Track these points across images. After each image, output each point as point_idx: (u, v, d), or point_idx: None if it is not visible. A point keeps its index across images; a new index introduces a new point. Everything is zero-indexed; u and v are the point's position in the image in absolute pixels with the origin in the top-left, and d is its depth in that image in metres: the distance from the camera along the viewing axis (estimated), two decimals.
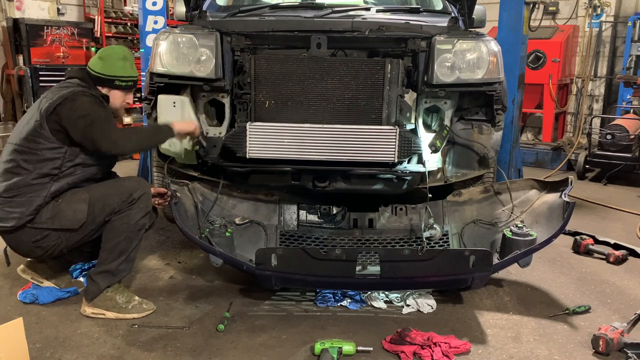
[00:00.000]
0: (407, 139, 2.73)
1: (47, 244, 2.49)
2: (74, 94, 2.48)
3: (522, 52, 4.40)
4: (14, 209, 2.43)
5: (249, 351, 2.30)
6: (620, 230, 4.11)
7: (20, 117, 6.50)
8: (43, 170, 2.44)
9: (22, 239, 2.48)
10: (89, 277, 2.55)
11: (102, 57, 2.64)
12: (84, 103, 2.47)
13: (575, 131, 7.17)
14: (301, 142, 2.73)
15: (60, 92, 2.49)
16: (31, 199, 2.43)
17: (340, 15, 2.90)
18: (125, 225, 2.51)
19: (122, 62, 2.64)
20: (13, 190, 2.44)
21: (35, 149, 2.44)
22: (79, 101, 2.47)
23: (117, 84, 2.64)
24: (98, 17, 7.23)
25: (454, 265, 2.49)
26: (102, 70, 2.61)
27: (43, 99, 2.53)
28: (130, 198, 2.51)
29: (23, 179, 2.43)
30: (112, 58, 2.63)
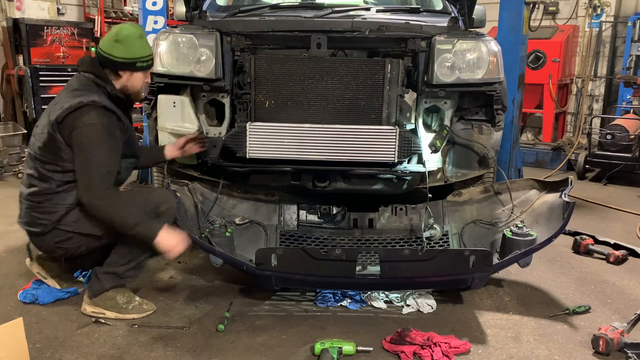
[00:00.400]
0: (407, 139, 2.73)
1: (68, 245, 2.48)
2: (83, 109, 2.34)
3: (522, 52, 4.40)
4: (40, 215, 2.44)
5: (249, 351, 2.30)
6: (620, 230, 4.11)
7: (20, 117, 6.50)
8: (65, 178, 2.41)
9: (46, 239, 2.49)
10: (95, 274, 2.55)
11: (119, 40, 2.45)
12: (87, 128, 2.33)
13: (575, 131, 7.17)
14: (301, 142, 2.73)
15: (70, 100, 2.37)
16: (57, 206, 2.42)
17: (340, 15, 2.90)
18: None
19: (140, 41, 2.50)
20: (39, 196, 2.43)
21: (54, 160, 2.40)
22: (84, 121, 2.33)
23: (138, 65, 2.51)
24: (98, 17, 7.23)
25: (454, 265, 2.50)
26: (123, 54, 2.46)
27: (53, 105, 2.45)
28: (155, 210, 2.50)
29: (48, 187, 2.42)
30: (130, 39, 2.46)
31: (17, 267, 3.13)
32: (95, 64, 2.53)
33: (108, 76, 2.51)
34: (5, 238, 3.64)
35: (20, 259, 3.26)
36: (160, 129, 3.03)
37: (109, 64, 2.49)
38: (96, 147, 2.36)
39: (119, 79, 2.53)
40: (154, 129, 3.06)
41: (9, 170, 5.53)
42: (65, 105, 2.37)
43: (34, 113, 6.09)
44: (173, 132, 2.99)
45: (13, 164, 5.61)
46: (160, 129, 3.03)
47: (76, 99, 2.37)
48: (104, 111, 2.40)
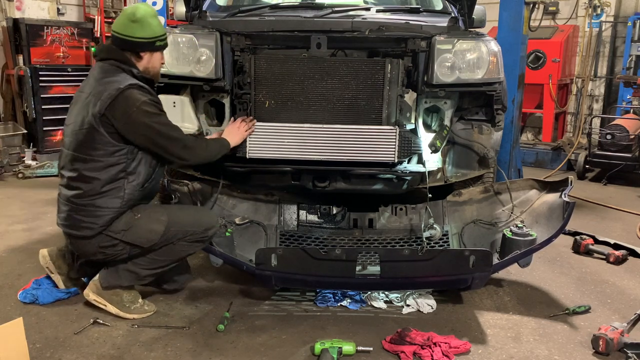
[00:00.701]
0: (407, 139, 2.73)
1: (112, 251, 2.46)
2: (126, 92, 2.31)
3: (522, 52, 4.40)
4: (85, 219, 2.37)
5: (249, 351, 2.30)
6: (620, 230, 4.11)
7: (20, 117, 6.50)
8: (110, 174, 2.36)
9: (89, 243, 2.43)
10: (116, 267, 2.53)
11: (136, 20, 2.39)
12: (142, 105, 2.32)
13: (575, 131, 7.17)
14: (301, 142, 2.73)
15: (107, 88, 2.32)
16: (102, 210, 2.36)
17: (340, 15, 2.90)
18: (182, 252, 2.54)
19: (155, 19, 2.46)
20: (83, 198, 2.37)
21: (97, 156, 2.34)
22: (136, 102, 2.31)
23: (157, 44, 2.47)
24: (98, 17, 7.22)
25: (454, 265, 2.50)
26: (142, 34, 2.40)
27: (90, 96, 2.35)
28: (204, 234, 2.51)
29: (92, 187, 2.35)
30: (147, 18, 2.41)
31: (17, 267, 3.14)
32: (114, 50, 2.46)
33: (130, 59, 2.46)
34: (5, 238, 3.64)
35: (20, 258, 3.27)
36: None
37: (129, 45, 2.44)
38: (159, 119, 2.39)
39: (140, 61, 2.48)
40: None
41: (9, 170, 5.54)
42: (104, 95, 2.30)
43: (33, 113, 6.10)
44: None
45: (13, 164, 5.61)
46: None
47: (112, 86, 2.32)
48: (144, 90, 2.39)
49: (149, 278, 2.59)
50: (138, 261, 2.53)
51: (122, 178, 2.38)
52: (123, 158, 2.37)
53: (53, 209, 2.67)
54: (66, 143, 2.45)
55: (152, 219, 2.45)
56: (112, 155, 2.35)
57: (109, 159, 2.35)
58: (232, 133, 2.67)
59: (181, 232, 2.47)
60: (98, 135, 2.33)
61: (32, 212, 4.26)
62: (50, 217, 4.09)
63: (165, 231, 2.45)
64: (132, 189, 2.41)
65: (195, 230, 2.49)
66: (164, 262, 2.54)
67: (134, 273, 2.53)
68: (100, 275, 2.56)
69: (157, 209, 2.54)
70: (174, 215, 2.50)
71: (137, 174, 2.42)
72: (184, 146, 2.46)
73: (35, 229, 3.83)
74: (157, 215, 2.47)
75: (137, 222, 2.43)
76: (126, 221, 2.42)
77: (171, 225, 2.46)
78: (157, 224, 2.44)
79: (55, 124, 6.25)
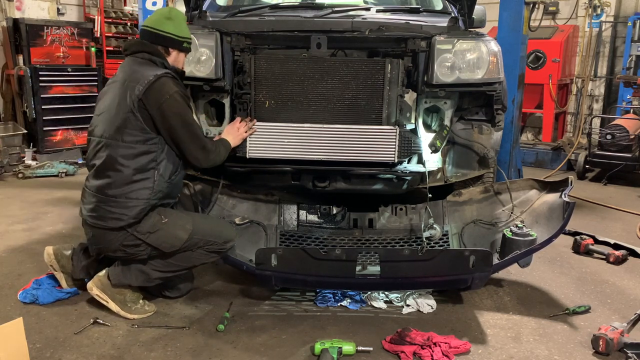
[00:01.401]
0: (407, 139, 2.73)
1: (133, 251, 2.46)
2: (162, 79, 2.37)
3: (522, 52, 4.40)
4: (116, 210, 2.37)
5: (249, 351, 2.30)
6: (620, 230, 4.11)
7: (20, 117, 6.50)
8: (141, 163, 2.37)
9: (114, 238, 2.42)
10: (128, 266, 2.54)
11: (170, 17, 2.50)
12: (176, 95, 2.38)
13: (575, 131, 7.17)
14: (301, 142, 2.73)
15: (144, 74, 2.37)
16: (133, 201, 2.37)
17: (340, 15, 2.90)
18: (197, 260, 2.55)
19: (185, 22, 2.56)
20: (113, 189, 2.36)
21: (131, 142, 2.36)
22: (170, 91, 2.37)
23: (185, 46, 2.54)
24: (98, 17, 7.23)
25: (454, 265, 2.50)
26: (174, 31, 2.48)
27: (127, 83, 2.38)
28: (223, 245, 2.54)
29: (123, 176, 2.36)
30: (180, 19, 2.52)
31: (17, 267, 3.14)
32: (144, 43, 2.51)
33: (163, 56, 2.51)
34: (5, 238, 3.64)
35: (20, 258, 3.27)
36: None
37: (160, 40, 2.50)
38: (187, 113, 2.44)
39: (168, 57, 2.53)
40: None
41: (9, 170, 5.54)
42: (142, 80, 2.35)
43: (33, 113, 6.10)
44: None
45: (13, 164, 5.61)
46: None
47: (150, 72, 2.38)
48: (177, 80, 2.47)
49: (158, 281, 2.59)
50: (153, 263, 2.53)
51: (152, 168, 2.40)
52: (154, 147, 2.40)
53: (53, 209, 2.67)
54: (97, 132, 2.45)
55: (178, 225, 2.47)
56: (144, 142, 2.38)
57: (142, 146, 2.37)
58: (232, 134, 2.68)
59: (202, 241, 2.50)
60: (135, 121, 2.36)
61: (32, 212, 4.26)
62: (50, 217, 4.09)
63: (189, 239, 2.47)
64: (161, 180, 2.43)
65: (216, 241, 2.52)
66: (178, 267, 2.56)
67: (145, 274, 2.53)
68: (110, 272, 2.56)
69: (184, 215, 2.55)
70: (199, 224, 2.52)
71: (165, 166, 2.44)
72: (203, 147, 2.49)
73: (35, 229, 3.83)
74: (183, 222, 2.48)
75: (164, 226, 2.44)
76: (153, 223, 2.42)
77: (194, 234, 2.48)
78: (182, 231, 2.46)
79: (55, 124, 6.26)
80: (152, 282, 2.58)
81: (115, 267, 2.57)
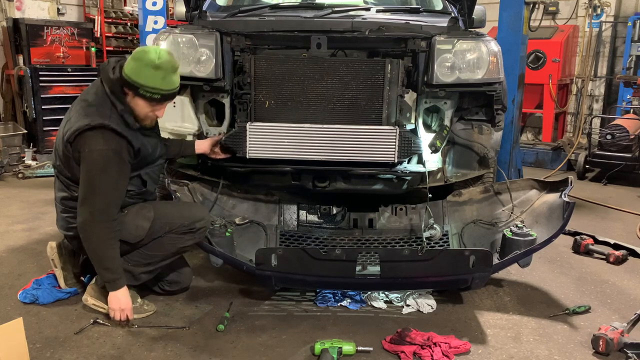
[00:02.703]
0: (407, 139, 2.73)
1: None
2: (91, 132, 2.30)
3: (522, 52, 4.40)
4: (73, 220, 2.44)
5: (249, 351, 2.30)
6: (620, 230, 4.11)
7: (20, 117, 6.50)
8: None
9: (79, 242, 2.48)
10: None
11: (135, 58, 2.34)
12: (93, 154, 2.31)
13: (575, 131, 7.17)
14: (301, 142, 2.73)
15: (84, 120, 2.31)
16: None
17: (340, 15, 2.90)
18: (171, 245, 2.54)
19: (151, 70, 2.30)
20: (70, 200, 2.47)
21: (71, 177, 2.43)
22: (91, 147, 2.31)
23: (140, 92, 2.34)
24: (98, 17, 7.23)
25: (454, 265, 2.49)
26: (129, 72, 2.33)
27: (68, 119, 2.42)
28: (191, 226, 2.53)
29: (75, 196, 2.43)
30: (142, 62, 2.31)
31: (17, 267, 3.14)
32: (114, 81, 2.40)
33: (120, 93, 2.39)
34: (5, 238, 3.64)
35: (20, 258, 3.27)
36: (160, 128, 3.02)
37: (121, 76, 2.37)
38: (103, 175, 2.33)
39: (125, 97, 2.41)
40: None
41: (9, 170, 5.54)
42: (74, 126, 2.33)
43: (34, 113, 6.10)
44: (173, 132, 2.99)
45: (13, 164, 5.61)
46: (161, 129, 3.02)
47: (86, 120, 2.32)
48: (112, 135, 2.33)
49: (145, 276, 2.59)
50: (130, 258, 2.53)
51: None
52: None
53: (53, 209, 2.68)
54: (56, 145, 2.50)
55: (139, 215, 2.49)
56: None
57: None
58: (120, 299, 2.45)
59: (168, 224, 2.50)
60: (69, 158, 2.40)
61: (32, 212, 4.26)
62: (50, 217, 4.08)
63: (152, 226, 2.48)
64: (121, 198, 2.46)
65: (183, 223, 2.51)
66: (155, 257, 2.55)
67: (128, 272, 2.53)
68: (97, 278, 2.57)
69: (145, 205, 2.56)
70: (161, 210, 2.53)
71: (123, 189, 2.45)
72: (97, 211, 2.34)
73: (35, 229, 3.83)
74: (144, 212, 2.50)
75: (124, 218, 2.46)
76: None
77: (157, 219, 2.49)
78: (143, 220, 2.48)
79: (55, 124, 6.25)
80: (140, 279, 2.58)
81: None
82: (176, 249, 2.57)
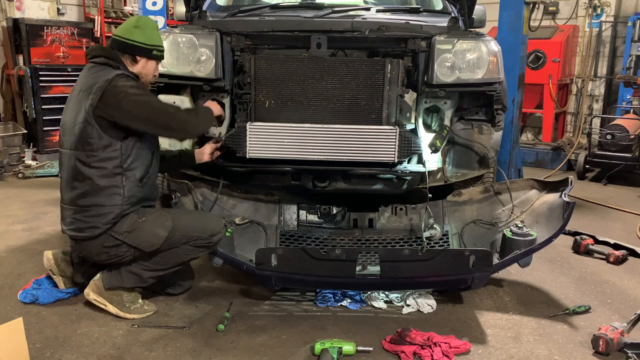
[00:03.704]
0: (407, 139, 2.73)
1: (115, 252, 2.46)
2: (113, 81, 2.36)
3: (522, 52, 4.40)
4: (90, 219, 2.40)
5: (249, 351, 2.30)
6: (620, 230, 4.11)
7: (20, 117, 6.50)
8: (106, 170, 2.37)
9: (94, 242, 2.44)
10: (118, 269, 2.54)
11: (139, 26, 2.49)
12: (130, 89, 2.37)
13: (575, 131, 7.17)
14: (301, 142, 2.73)
15: (97, 81, 2.36)
16: (107, 207, 2.38)
17: (340, 15, 2.90)
18: (185, 256, 2.54)
19: (157, 31, 2.55)
20: (86, 199, 2.39)
21: (91, 151, 2.36)
22: (124, 88, 2.36)
23: (154, 53, 2.52)
24: (98, 17, 7.23)
25: (454, 265, 2.49)
26: (142, 39, 2.47)
27: (82, 92, 2.39)
28: (209, 239, 2.51)
29: (90, 186, 2.37)
30: (149, 27, 2.51)
31: (17, 267, 3.14)
32: (106, 49, 2.53)
33: (121, 59, 2.49)
34: (5, 238, 3.64)
35: (20, 258, 3.27)
36: None
37: (127, 48, 2.49)
38: (150, 96, 2.49)
39: (134, 65, 2.51)
40: None
41: (9, 170, 5.54)
42: (94, 88, 2.34)
43: (34, 113, 6.10)
44: None
45: (13, 164, 5.61)
46: None
47: (101, 79, 2.37)
48: (130, 78, 2.45)
49: (152, 280, 2.59)
50: (142, 263, 2.52)
51: (119, 174, 2.39)
52: (116, 153, 2.38)
53: (53, 209, 2.68)
54: (63, 143, 2.47)
55: (156, 223, 2.46)
56: (105, 149, 2.37)
57: (103, 154, 2.37)
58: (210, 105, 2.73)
59: (186, 237, 2.48)
60: (91, 130, 2.35)
61: (32, 212, 4.26)
62: (50, 217, 4.09)
63: (169, 236, 2.45)
64: (131, 185, 2.42)
65: (201, 236, 2.50)
66: (167, 265, 2.54)
67: (136, 275, 2.53)
68: (103, 276, 2.56)
69: (163, 213, 2.53)
70: (179, 221, 2.50)
71: (133, 170, 2.43)
72: (183, 119, 2.49)
73: (35, 229, 3.83)
74: (162, 220, 2.47)
75: (142, 225, 2.44)
76: (130, 223, 2.43)
77: (175, 231, 2.46)
78: (161, 229, 2.45)
79: (55, 124, 6.24)
80: (146, 282, 2.58)
81: (107, 272, 2.57)
82: (189, 259, 2.58)
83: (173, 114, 2.47)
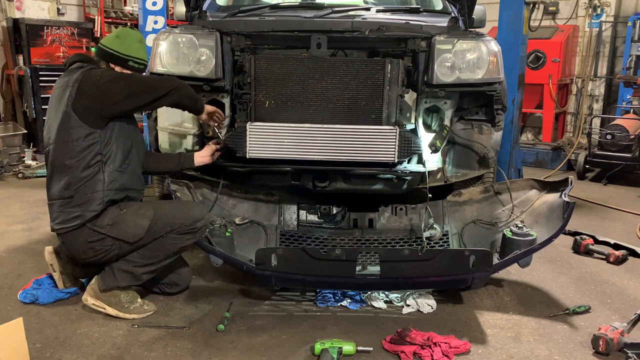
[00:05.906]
0: (407, 139, 2.73)
1: (100, 247, 2.47)
2: (87, 72, 2.44)
3: (522, 52, 4.40)
4: (75, 209, 2.43)
5: (249, 351, 2.30)
6: (620, 230, 4.11)
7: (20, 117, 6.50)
8: (86, 159, 2.41)
9: (79, 238, 2.46)
10: (111, 269, 2.54)
11: (119, 36, 2.59)
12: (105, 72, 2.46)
13: (575, 131, 7.17)
14: (301, 142, 2.73)
15: (73, 76, 2.44)
16: (89, 194, 2.42)
17: (340, 15, 2.90)
18: (172, 245, 2.53)
19: (138, 44, 2.61)
20: (69, 190, 2.43)
21: (70, 140, 2.40)
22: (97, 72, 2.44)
23: (130, 64, 2.57)
24: (98, 17, 7.23)
25: (454, 265, 2.49)
26: (118, 48, 2.55)
27: (59, 89, 2.47)
28: (193, 226, 2.52)
29: (73, 175, 2.42)
30: (130, 38, 2.59)
31: (17, 267, 3.14)
32: (82, 55, 2.64)
33: (99, 64, 2.57)
34: (5, 238, 3.64)
35: (20, 258, 3.27)
36: (160, 129, 3.03)
37: (105, 55, 2.57)
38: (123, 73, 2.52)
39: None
40: (154, 129, 3.07)
41: (9, 170, 5.54)
42: (71, 81, 2.42)
43: (34, 113, 6.10)
44: (173, 132, 2.99)
45: (13, 164, 5.61)
46: (160, 129, 3.03)
47: (77, 74, 2.44)
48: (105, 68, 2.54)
49: (146, 276, 2.59)
50: (131, 259, 2.53)
51: (99, 161, 2.43)
52: (96, 141, 2.42)
53: None
54: (48, 140, 2.51)
55: (138, 214, 2.48)
56: (86, 138, 2.40)
57: (83, 142, 2.40)
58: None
59: (169, 225, 2.49)
60: (72, 120, 2.40)
61: (32, 212, 4.26)
62: None
63: (152, 225, 2.46)
64: (110, 170, 2.45)
65: (184, 222, 2.50)
66: (157, 258, 2.54)
67: (129, 273, 2.53)
68: (98, 279, 2.57)
69: (144, 204, 2.56)
70: (160, 210, 2.52)
71: (112, 157, 2.46)
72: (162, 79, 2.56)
73: (35, 229, 3.83)
74: (143, 211, 2.49)
75: (123, 217, 2.45)
76: (112, 216, 2.45)
77: (157, 219, 2.48)
78: (142, 218, 2.47)
79: None
80: (141, 279, 2.58)
81: (101, 274, 2.58)
82: (177, 249, 2.57)
83: (150, 77, 2.55)
